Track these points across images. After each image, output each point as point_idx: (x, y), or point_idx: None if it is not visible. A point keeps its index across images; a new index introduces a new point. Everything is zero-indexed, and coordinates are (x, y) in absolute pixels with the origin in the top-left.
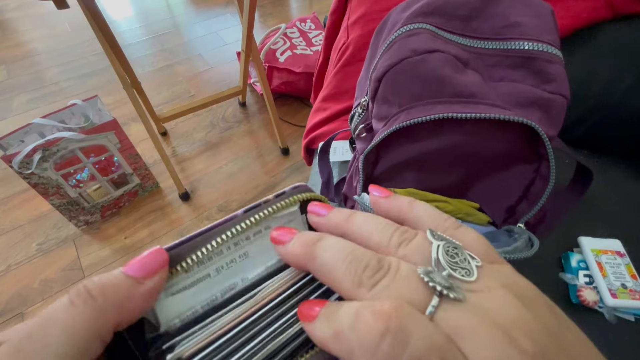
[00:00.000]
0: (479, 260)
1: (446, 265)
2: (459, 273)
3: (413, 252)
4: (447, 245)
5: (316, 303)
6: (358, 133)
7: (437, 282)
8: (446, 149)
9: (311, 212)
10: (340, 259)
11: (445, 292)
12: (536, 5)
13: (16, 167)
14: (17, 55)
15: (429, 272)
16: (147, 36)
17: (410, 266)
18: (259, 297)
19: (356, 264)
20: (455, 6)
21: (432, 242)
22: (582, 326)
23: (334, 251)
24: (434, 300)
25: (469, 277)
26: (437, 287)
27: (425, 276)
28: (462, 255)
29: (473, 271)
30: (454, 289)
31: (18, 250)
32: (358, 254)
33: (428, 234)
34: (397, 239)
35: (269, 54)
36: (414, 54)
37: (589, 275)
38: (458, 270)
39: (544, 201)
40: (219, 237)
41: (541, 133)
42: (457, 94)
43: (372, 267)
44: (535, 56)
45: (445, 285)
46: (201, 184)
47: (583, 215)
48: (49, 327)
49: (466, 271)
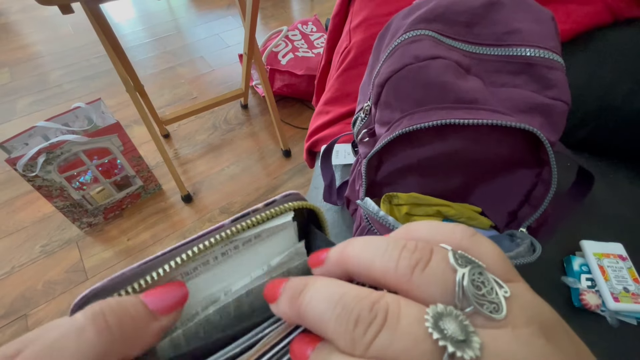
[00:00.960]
0: (507, 289)
1: (473, 299)
2: (486, 309)
3: (430, 282)
4: (472, 272)
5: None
6: (361, 137)
7: (449, 338)
8: (448, 154)
9: (312, 265)
10: (328, 313)
11: (458, 355)
12: (537, 11)
13: (20, 169)
14: (20, 57)
15: (439, 320)
16: (150, 39)
17: (414, 311)
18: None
19: (346, 316)
20: (457, 13)
21: (456, 270)
22: (584, 330)
23: (321, 302)
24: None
25: (497, 314)
26: (449, 348)
27: (435, 330)
28: (489, 284)
29: (502, 306)
30: (468, 344)
31: (22, 252)
32: (347, 300)
33: (450, 257)
34: (407, 263)
35: (271, 57)
36: (417, 60)
37: (591, 278)
38: (486, 305)
39: (545, 206)
40: (201, 244)
41: (543, 139)
42: (459, 100)
43: (363, 319)
44: (536, 62)
45: (457, 339)
46: (203, 186)
47: (585, 219)
48: (55, 354)
49: (495, 306)
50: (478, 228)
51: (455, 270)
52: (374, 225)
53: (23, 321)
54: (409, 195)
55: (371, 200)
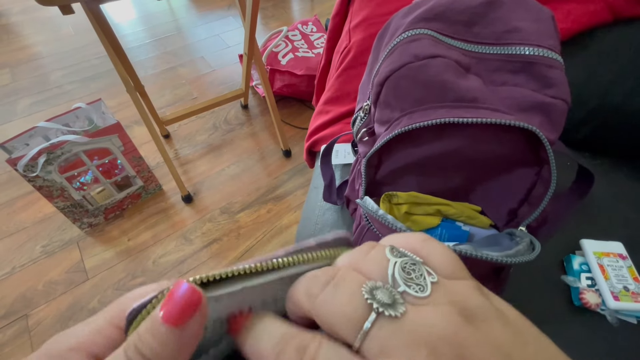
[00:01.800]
0: (435, 277)
1: (401, 281)
2: (412, 289)
3: (370, 266)
4: (405, 262)
5: (245, 317)
6: (360, 137)
7: (377, 300)
8: (448, 153)
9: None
10: (302, 281)
11: (381, 310)
12: (537, 10)
13: (21, 170)
14: (21, 58)
15: (374, 289)
16: (150, 39)
17: (358, 279)
18: None
19: (310, 279)
20: (456, 12)
21: (389, 259)
22: (584, 329)
23: (301, 278)
24: (371, 317)
25: (422, 293)
26: (374, 305)
27: (368, 294)
28: (420, 271)
29: (427, 287)
30: (393, 307)
31: (22, 252)
32: (318, 272)
33: (387, 251)
34: (357, 254)
35: (271, 57)
36: (416, 59)
37: (591, 277)
38: (412, 286)
39: (545, 204)
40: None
41: (542, 137)
42: (459, 99)
43: (320, 279)
44: (536, 61)
45: (385, 303)
46: (204, 186)
47: (585, 218)
48: None
49: (420, 287)
50: (478, 227)
51: (389, 259)
52: (373, 224)
53: (23, 321)
54: (409, 194)
55: (370, 199)
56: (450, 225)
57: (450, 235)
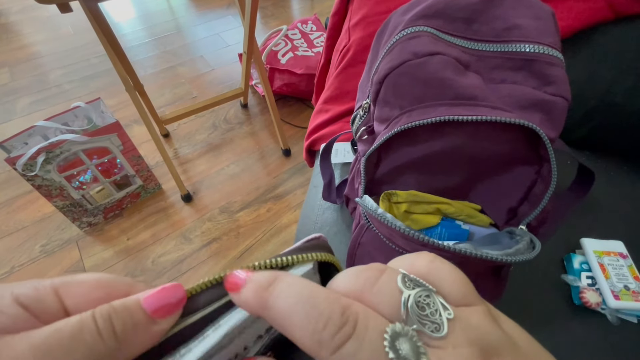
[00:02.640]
0: (451, 312)
1: (415, 319)
2: (428, 328)
3: (379, 300)
4: (419, 295)
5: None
6: (360, 135)
7: (401, 355)
8: (448, 151)
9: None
10: (297, 309)
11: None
12: (537, 7)
13: (20, 169)
14: (20, 57)
15: (396, 339)
16: (150, 38)
17: (379, 329)
18: None
19: (316, 316)
20: (456, 9)
21: (402, 291)
22: (584, 328)
23: (290, 296)
24: None
25: (438, 333)
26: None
27: (392, 351)
28: (434, 305)
29: (443, 326)
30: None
31: (22, 251)
32: (318, 300)
33: (399, 281)
34: (363, 281)
35: (271, 56)
36: (415, 56)
37: (592, 276)
38: (427, 325)
39: (545, 203)
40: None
41: (542, 135)
42: (458, 96)
43: (334, 322)
44: (536, 58)
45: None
46: (203, 185)
47: (585, 217)
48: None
49: (436, 326)
50: (477, 226)
51: (402, 291)
52: (372, 223)
53: None
54: (408, 193)
55: (370, 198)
56: (450, 223)
57: (450, 234)
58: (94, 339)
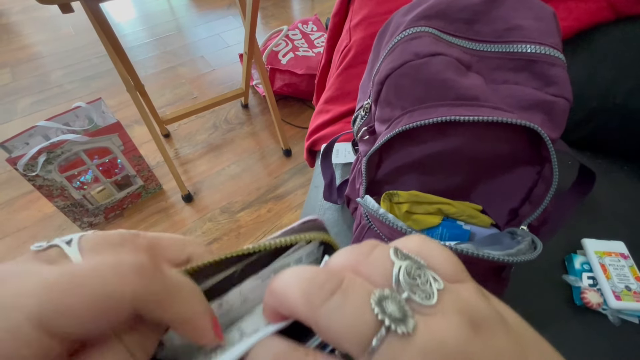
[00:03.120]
0: (441, 283)
1: (406, 287)
2: (418, 296)
3: (372, 270)
4: (410, 266)
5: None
6: (361, 135)
7: (388, 314)
8: (449, 151)
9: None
10: (291, 282)
11: (391, 326)
12: (538, 8)
13: (21, 169)
14: (21, 58)
15: (383, 300)
16: (150, 38)
17: (366, 288)
18: None
19: (306, 280)
20: (457, 9)
21: (394, 262)
22: (585, 328)
23: (290, 276)
24: (380, 333)
25: (428, 301)
26: (386, 321)
27: (377, 307)
28: (425, 276)
29: (433, 295)
30: (404, 322)
31: (23, 252)
32: (309, 270)
33: (391, 253)
34: (354, 256)
35: (271, 56)
36: (417, 57)
37: (593, 277)
38: (418, 293)
39: (546, 203)
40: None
41: (544, 136)
42: (460, 97)
43: (320, 280)
44: (538, 59)
45: (396, 318)
46: (204, 185)
47: (586, 217)
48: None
49: (426, 295)
50: (479, 226)
51: (394, 262)
52: (374, 223)
53: None
54: (410, 194)
55: (371, 198)
56: (451, 224)
57: (451, 235)
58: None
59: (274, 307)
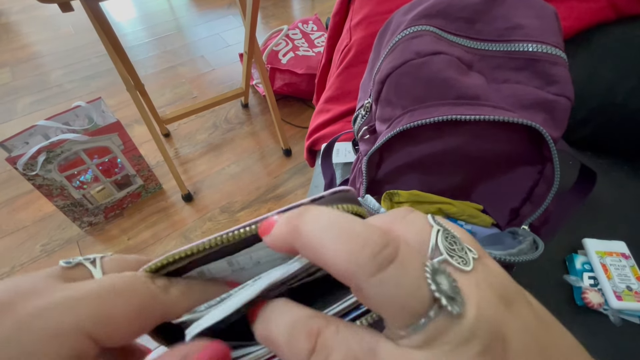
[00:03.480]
0: (475, 253)
1: (444, 251)
2: (455, 261)
3: (410, 230)
4: (447, 233)
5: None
6: (361, 135)
7: (442, 291)
8: (450, 150)
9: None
10: (330, 230)
11: (445, 304)
12: (539, 7)
13: (21, 168)
14: (21, 57)
15: (436, 274)
16: (150, 38)
17: (418, 258)
18: None
19: (354, 236)
20: (458, 8)
21: (432, 226)
22: (586, 328)
23: (322, 220)
24: (433, 311)
25: (465, 266)
26: (443, 301)
27: (433, 283)
28: (460, 244)
29: (470, 261)
30: (455, 301)
31: (22, 251)
32: (354, 224)
33: (429, 218)
34: (393, 216)
35: (272, 56)
36: (418, 56)
37: (594, 277)
38: (455, 258)
39: (548, 203)
40: (237, 231)
41: (545, 135)
42: (461, 96)
43: (375, 242)
44: (539, 58)
45: (448, 295)
46: (204, 185)
47: (587, 217)
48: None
49: (463, 260)
50: (480, 226)
51: (432, 225)
52: None
53: None
54: (410, 193)
55: (372, 197)
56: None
57: None
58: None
59: (291, 243)
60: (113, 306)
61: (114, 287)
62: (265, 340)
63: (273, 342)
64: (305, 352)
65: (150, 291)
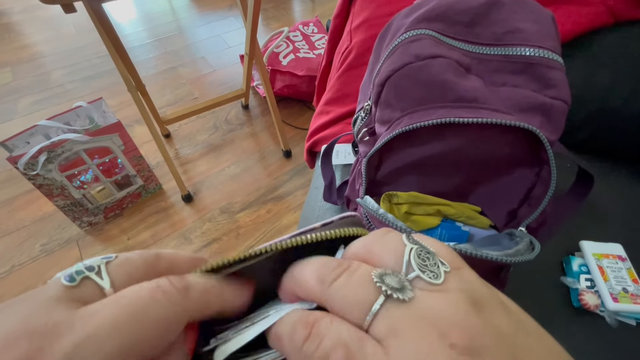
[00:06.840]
0: (447, 266)
1: (416, 267)
2: (427, 275)
3: (385, 250)
4: (420, 250)
5: None
6: (361, 137)
7: (386, 284)
8: (448, 153)
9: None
10: (311, 267)
11: (389, 293)
12: (537, 11)
13: (21, 168)
14: (22, 57)
15: (383, 275)
16: (151, 39)
17: (369, 269)
18: None
19: (324, 268)
20: (457, 12)
21: (406, 245)
22: (583, 330)
23: (309, 262)
24: (379, 299)
25: (436, 280)
26: (383, 288)
27: (377, 278)
28: (433, 260)
29: (441, 275)
30: (402, 291)
31: (22, 250)
32: (330, 261)
33: (403, 237)
34: (371, 237)
35: (272, 57)
36: (417, 59)
37: (591, 279)
38: (427, 273)
39: (545, 205)
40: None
41: (542, 138)
42: (460, 99)
43: (333, 265)
44: (537, 62)
45: (394, 287)
46: (204, 185)
47: (584, 219)
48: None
49: (434, 274)
50: (477, 228)
51: (405, 244)
52: (374, 223)
53: None
54: (409, 194)
55: (371, 198)
56: (450, 225)
57: (450, 236)
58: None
59: (292, 288)
60: (142, 332)
61: (136, 308)
62: (274, 337)
63: (279, 337)
64: (301, 339)
65: (172, 302)
